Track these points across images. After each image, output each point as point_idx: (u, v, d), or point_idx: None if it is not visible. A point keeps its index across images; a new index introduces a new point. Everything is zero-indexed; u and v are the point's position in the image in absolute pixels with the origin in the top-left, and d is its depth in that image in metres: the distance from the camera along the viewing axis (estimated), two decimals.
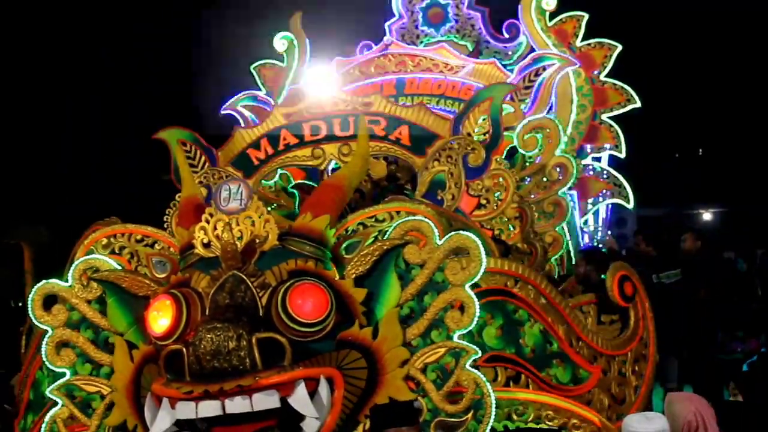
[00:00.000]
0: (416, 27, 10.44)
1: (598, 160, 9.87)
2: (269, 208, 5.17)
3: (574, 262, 8.62)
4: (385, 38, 9.66)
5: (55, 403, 5.34)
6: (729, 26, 19.99)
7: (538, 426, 5.02)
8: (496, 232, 6.79)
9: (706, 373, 9.12)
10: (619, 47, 9.69)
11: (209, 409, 4.43)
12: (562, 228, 8.18)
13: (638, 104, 9.63)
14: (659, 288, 8.79)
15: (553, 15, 9.67)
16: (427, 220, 4.99)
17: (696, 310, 9.34)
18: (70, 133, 20.95)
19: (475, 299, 4.89)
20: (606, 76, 9.69)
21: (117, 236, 5.66)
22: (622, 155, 9.71)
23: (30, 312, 5.38)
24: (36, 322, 5.39)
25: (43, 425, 5.35)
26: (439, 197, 6.61)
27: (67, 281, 5.37)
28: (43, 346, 5.34)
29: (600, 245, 9.79)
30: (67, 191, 21.32)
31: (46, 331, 5.34)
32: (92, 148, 20.98)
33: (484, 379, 4.88)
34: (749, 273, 13.52)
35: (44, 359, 5.37)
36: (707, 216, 26.61)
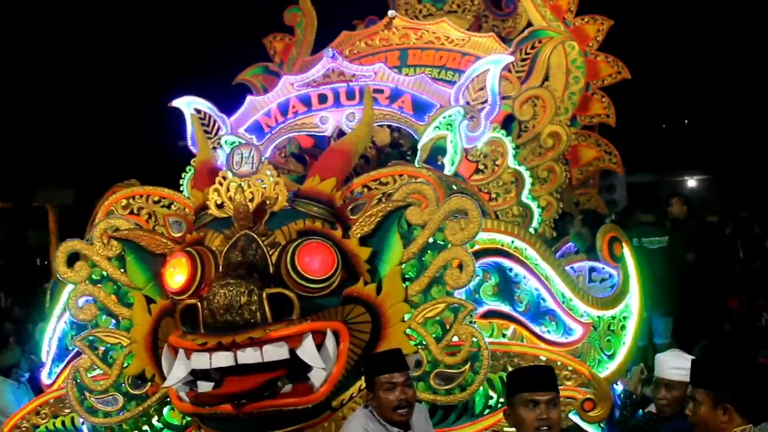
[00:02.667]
0: (419, 2, 10.37)
1: (590, 128, 9.82)
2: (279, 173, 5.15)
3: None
4: (389, 12, 9.57)
5: (79, 354, 5.36)
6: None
7: None
8: (493, 195, 6.78)
9: (690, 331, 9.13)
10: (611, 22, 9.63)
11: (222, 359, 4.44)
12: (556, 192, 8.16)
13: (629, 76, 9.58)
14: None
15: None
16: (428, 183, 4.98)
17: (683, 272, 9.35)
18: (93, 99, 20.90)
19: (473, 258, 4.88)
20: (598, 49, 9.63)
21: (136, 198, 5.66)
22: (613, 124, 9.67)
23: (55, 268, 5.39)
24: (60, 278, 5.41)
25: (67, 373, 5.37)
26: (439, 162, 6.58)
27: (89, 240, 5.37)
28: (67, 300, 5.35)
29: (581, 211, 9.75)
30: (90, 155, 21.34)
31: (70, 286, 5.36)
32: (112, 114, 20.96)
33: (481, 332, 4.89)
34: (732, 237, 13.53)
35: (68, 312, 5.38)
36: (692, 183, 26.57)
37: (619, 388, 6.30)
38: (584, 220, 8.19)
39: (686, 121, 26.88)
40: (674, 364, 4.88)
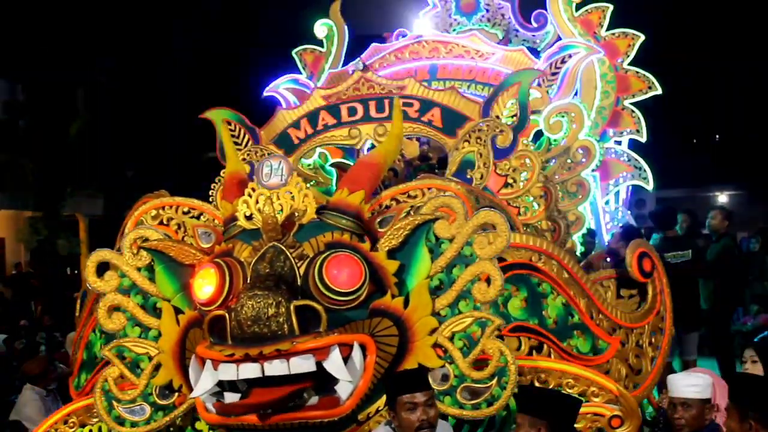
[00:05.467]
0: (449, 16, 10.38)
1: (620, 143, 9.77)
2: (308, 185, 5.16)
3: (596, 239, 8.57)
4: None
5: (107, 363, 5.38)
6: (746, 15, 19.73)
7: None
8: (522, 209, 6.74)
9: (726, 346, 9.06)
10: (642, 37, 9.58)
11: (249, 371, 4.45)
12: (585, 207, 8.11)
13: (659, 91, 9.51)
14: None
15: (579, 5, 9.57)
16: (456, 197, 4.96)
17: (709, 287, 9.29)
18: (124, 109, 21.09)
19: (501, 272, 4.86)
20: (629, 64, 9.59)
21: (165, 208, 5.68)
22: (643, 139, 9.61)
23: (85, 277, 5.42)
24: (90, 287, 5.43)
25: (95, 383, 5.40)
26: (468, 176, 6.57)
27: (119, 250, 5.40)
28: (97, 309, 5.38)
29: (621, 225, 9.70)
30: (120, 166, 21.51)
31: (100, 296, 5.38)
32: (143, 124, 21.12)
33: (508, 347, 4.87)
34: (761, 252, 13.35)
35: (97, 322, 5.41)
36: (722, 198, 26.36)
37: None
38: (623, 235, 8.14)
39: (717, 137, 26.72)
40: (689, 382, 4.90)
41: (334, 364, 4.52)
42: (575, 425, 4.50)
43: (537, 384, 4.97)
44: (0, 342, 11.45)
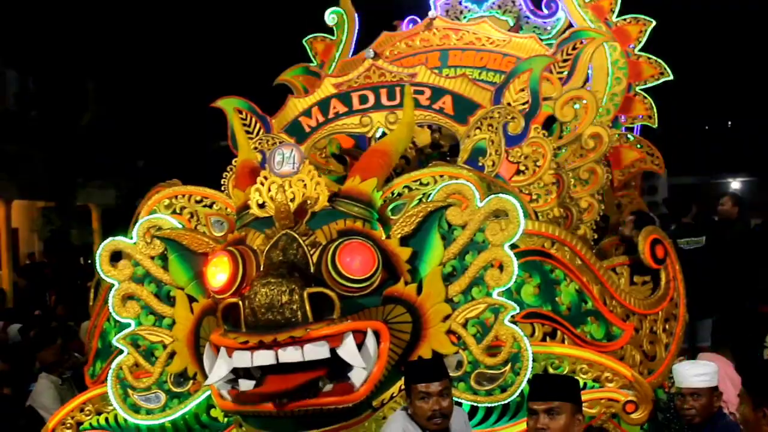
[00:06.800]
0: (459, 3, 10.33)
1: (632, 130, 9.73)
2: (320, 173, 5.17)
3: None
4: (430, 13, 9.55)
5: (121, 352, 5.42)
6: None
7: None
8: (534, 196, 6.73)
9: (741, 333, 9.03)
10: (654, 23, 9.51)
11: (264, 358, 4.47)
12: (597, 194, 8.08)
13: (671, 77, 9.46)
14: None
15: None
16: (468, 183, 4.97)
17: (725, 274, 9.26)
18: (136, 99, 21.10)
19: (514, 259, 4.87)
20: (641, 50, 9.53)
21: (178, 197, 5.69)
22: (655, 126, 9.57)
23: (98, 267, 5.45)
24: (103, 276, 5.47)
25: (110, 371, 5.44)
26: (480, 163, 6.55)
27: (131, 239, 5.42)
28: (110, 298, 5.41)
29: (633, 212, 9.67)
30: (132, 156, 21.55)
31: (113, 285, 5.41)
32: (154, 114, 21.14)
33: (522, 333, 4.87)
34: None
35: (111, 311, 5.44)
36: (735, 185, 26.27)
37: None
38: (636, 222, 8.11)
39: (729, 123, 26.62)
40: (697, 371, 4.91)
41: (348, 350, 4.53)
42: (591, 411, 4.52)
43: (551, 370, 4.98)
44: (15, 331, 11.50)
